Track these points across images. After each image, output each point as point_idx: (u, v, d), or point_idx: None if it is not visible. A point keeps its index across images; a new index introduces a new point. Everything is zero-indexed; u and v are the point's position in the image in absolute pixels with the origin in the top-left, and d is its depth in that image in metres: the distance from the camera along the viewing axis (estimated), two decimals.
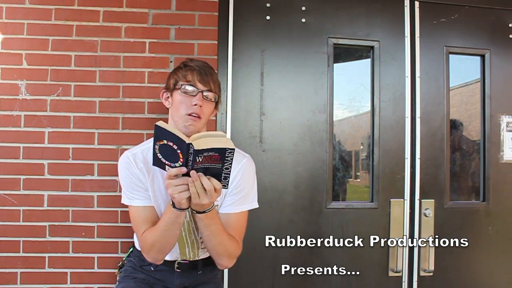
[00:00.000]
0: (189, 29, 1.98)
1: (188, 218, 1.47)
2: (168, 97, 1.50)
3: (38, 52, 1.91)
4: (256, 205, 1.52)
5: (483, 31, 2.24)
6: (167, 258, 1.51)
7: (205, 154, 1.18)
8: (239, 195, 1.47)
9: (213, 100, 1.47)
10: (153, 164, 1.26)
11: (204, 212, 1.33)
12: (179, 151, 1.19)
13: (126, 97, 1.94)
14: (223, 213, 1.47)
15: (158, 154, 1.23)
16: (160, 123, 1.19)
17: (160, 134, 1.19)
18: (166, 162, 1.23)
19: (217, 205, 1.48)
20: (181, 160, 1.20)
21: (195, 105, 1.41)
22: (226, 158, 1.21)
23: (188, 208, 1.32)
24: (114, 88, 1.93)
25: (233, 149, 1.19)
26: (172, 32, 1.97)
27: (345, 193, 2.18)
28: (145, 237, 1.43)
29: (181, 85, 1.44)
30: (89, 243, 1.90)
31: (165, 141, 1.19)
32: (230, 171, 1.24)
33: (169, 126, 1.20)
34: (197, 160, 1.19)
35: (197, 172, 1.22)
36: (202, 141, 1.18)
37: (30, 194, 1.88)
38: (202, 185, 1.24)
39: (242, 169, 1.47)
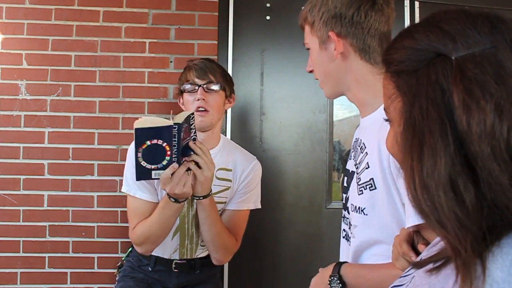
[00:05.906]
0: (189, 29, 1.98)
1: (195, 212, 1.50)
2: (182, 100, 1.57)
3: (38, 52, 1.91)
4: (259, 206, 1.61)
5: None
6: (165, 256, 1.53)
7: (183, 127, 1.20)
8: (247, 193, 1.55)
9: (217, 89, 1.50)
10: (137, 179, 1.23)
11: (208, 195, 1.37)
12: (165, 144, 1.17)
13: (126, 97, 1.94)
14: (230, 209, 1.54)
15: (142, 163, 1.19)
16: (138, 124, 1.15)
17: (141, 136, 1.15)
18: (152, 167, 1.20)
19: (225, 202, 1.54)
20: (168, 153, 1.19)
21: (198, 99, 1.46)
22: (191, 126, 1.27)
23: (188, 199, 1.34)
24: (114, 88, 1.93)
25: (193, 113, 1.28)
26: (172, 32, 1.97)
27: None
28: (138, 229, 1.44)
29: (183, 86, 1.52)
30: (89, 243, 1.89)
31: (148, 143, 1.16)
32: (196, 135, 1.31)
33: (148, 121, 1.17)
34: (183, 137, 1.21)
35: (185, 153, 1.26)
36: (177, 117, 1.23)
37: (30, 194, 1.88)
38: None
39: (254, 169, 1.58)
